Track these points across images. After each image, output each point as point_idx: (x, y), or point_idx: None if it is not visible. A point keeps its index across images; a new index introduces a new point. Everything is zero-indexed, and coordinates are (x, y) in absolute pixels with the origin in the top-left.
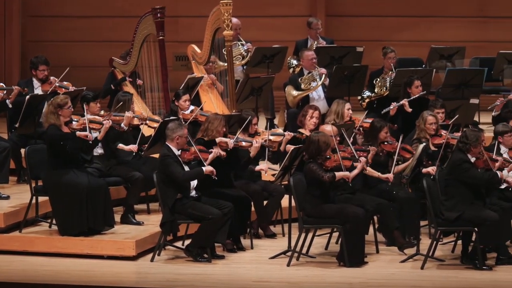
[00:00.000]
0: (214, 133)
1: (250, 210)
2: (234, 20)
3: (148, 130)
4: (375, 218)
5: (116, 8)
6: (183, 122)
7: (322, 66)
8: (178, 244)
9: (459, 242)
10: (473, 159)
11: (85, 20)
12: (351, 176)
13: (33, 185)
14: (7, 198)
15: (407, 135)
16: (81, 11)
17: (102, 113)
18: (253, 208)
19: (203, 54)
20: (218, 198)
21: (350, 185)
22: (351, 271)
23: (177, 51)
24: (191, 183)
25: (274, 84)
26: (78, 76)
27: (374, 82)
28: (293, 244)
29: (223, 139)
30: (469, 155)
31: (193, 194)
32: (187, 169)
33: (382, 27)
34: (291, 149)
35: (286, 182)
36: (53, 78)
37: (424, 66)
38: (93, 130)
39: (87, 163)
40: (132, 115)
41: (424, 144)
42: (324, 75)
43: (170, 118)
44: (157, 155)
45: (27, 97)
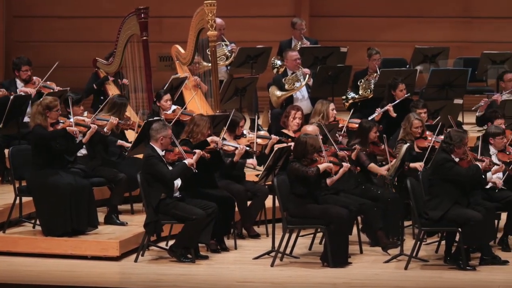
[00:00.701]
0: (199, 136)
1: (234, 211)
2: (218, 20)
3: (132, 134)
4: (359, 218)
5: (100, 8)
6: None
7: (306, 67)
8: (162, 244)
9: (443, 242)
10: (457, 159)
11: (69, 20)
12: (334, 180)
13: (16, 185)
14: None
15: (392, 136)
16: (65, 12)
17: (86, 114)
18: (236, 208)
19: (187, 54)
20: (201, 199)
21: (328, 188)
22: (335, 272)
23: (161, 52)
24: (175, 183)
25: (258, 84)
26: (62, 76)
27: (359, 83)
28: (277, 244)
29: (215, 138)
30: (452, 156)
31: (176, 194)
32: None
33: (366, 28)
34: (275, 149)
35: (270, 183)
36: (36, 78)
37: (408, 66)
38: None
39: (70, 164)
40: (116, 121)
41: (408, 144)
42: (308, 76)
43: (154, 119)
44: (141, 156)
45: (11, 97)
